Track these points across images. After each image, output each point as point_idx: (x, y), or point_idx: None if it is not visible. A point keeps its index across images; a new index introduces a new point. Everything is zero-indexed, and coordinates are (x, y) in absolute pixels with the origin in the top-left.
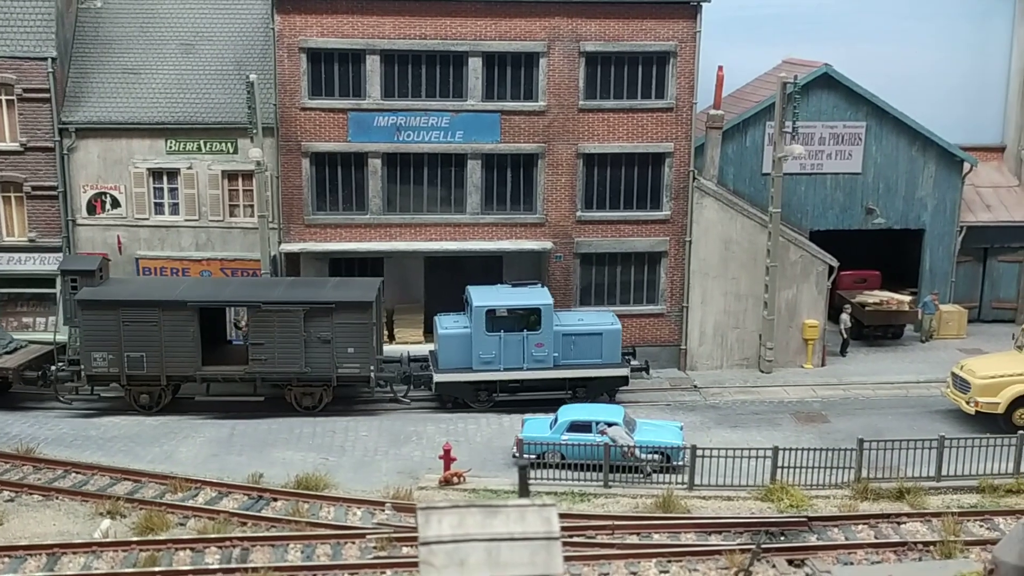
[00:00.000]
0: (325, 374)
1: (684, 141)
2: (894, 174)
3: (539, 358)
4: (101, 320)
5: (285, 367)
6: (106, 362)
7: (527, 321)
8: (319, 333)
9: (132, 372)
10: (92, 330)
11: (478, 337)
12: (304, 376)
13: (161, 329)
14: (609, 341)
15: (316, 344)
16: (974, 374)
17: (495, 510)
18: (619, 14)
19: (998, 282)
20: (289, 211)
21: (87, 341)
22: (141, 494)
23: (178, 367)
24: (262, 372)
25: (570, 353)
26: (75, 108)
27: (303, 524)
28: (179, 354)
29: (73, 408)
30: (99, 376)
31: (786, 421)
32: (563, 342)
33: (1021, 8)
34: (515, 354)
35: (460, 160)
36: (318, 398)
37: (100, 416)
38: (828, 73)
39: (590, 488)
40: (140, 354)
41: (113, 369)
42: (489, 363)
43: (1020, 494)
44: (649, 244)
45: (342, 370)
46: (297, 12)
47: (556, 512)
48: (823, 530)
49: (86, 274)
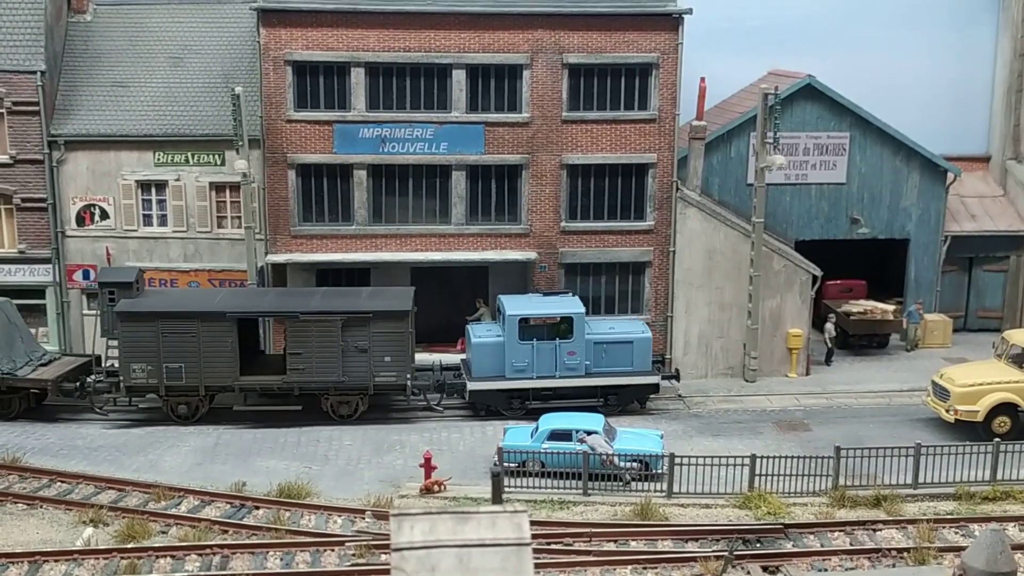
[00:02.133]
0: (362, 383)
1: (667, 152)
2: (878, 184)
3: (571, 366)
4: (140, 332)
5: (323, 376)
6: (145, 373)
7: (559, 330)
8: (356, 342)
9: (171, 383)
10: (131, 341)
11: (511, 345)
12: (341, 385)
13: (200, 340)
14: (640, 349)
15: (353, 353)
16: (953, 382)
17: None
18: (601, 26)
19: (983, 291)
20: (275, 222)
21: (126, 352)
22: (124, 503)
23: (216, 377)
24: (300, 381)
25: (601, 361)
26: (64, 121)
27: (283, 532)
28: (217, 364)
29: (109, 419)
30: (138, 387)
31: (768, 430)
32: (595, 350)
33: (1004, 18)
34: (548, 362)
35: (445, 171)
36: (354, 406)
37: (87, 426)
38: (811, 84)
39: (569, 496)
40: (179, 365)
41: (152, 380)
42: (522, 371)
43: (996, 501)
44: (633, 254)
45: (379, 378)
46: (282, 25)
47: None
48: (799, 537)
49: (124, 286)
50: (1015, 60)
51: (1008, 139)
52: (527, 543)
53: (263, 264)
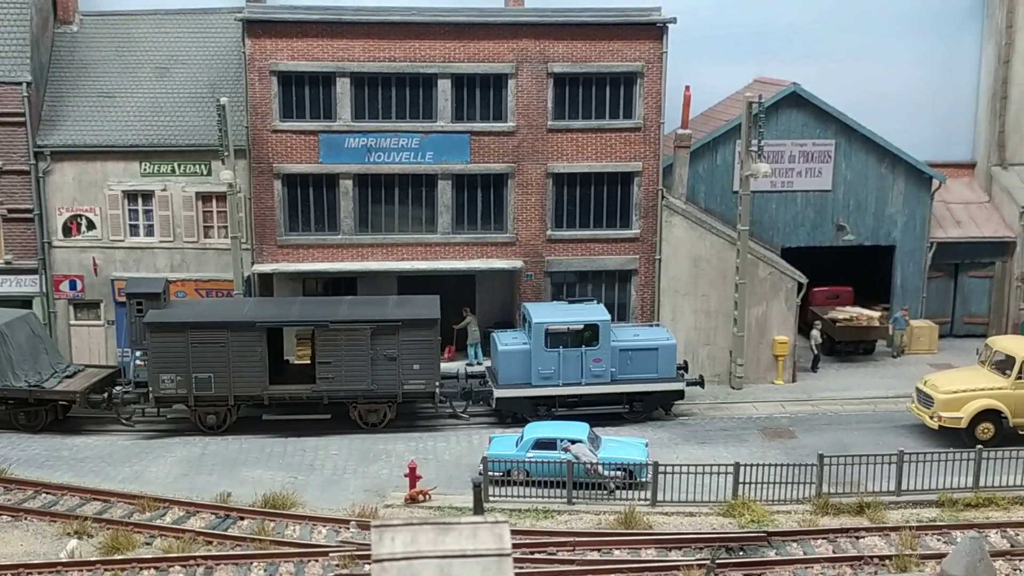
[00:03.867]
0: (391, 391)
1: (652, 160)
2: (864, 191)
3: (597, 373)
4: (169, 342)
5: (352, 385)
6: (174, 383)
7: (585, 337)
8: (385, 350)
9: (200, 393)
10: (160, 352)
11: (537, 353)
12: (370, 393)
13: (229, 350)
14: (664, 356)
15: (382, 361)
16: (937, 389)
17: (448, 527)
18: (586, 36)
19: (969, 297)
20: (262, 232)
21: (155, 363)
22: (109, 514)
23: (246, 387)
24: (329, 390)
25: (627, 368)
26: (50, 131)
27: (267, 543)
28: (247, 374)
29: (136, 430)
30: (167, 398)
31: (753, 437)
32: (620, 357)
33: (989, 26)
34: (573, 369)
35: (431, 180)
36: (382, 414)
37: (73, 437)
38: (796, 92)
39: (554, 505)
40: (208, 375)
41: (181, 390)
42: (548, 378)
43: (978, 508)
44: (619, 262)
45: (407, 386)
46: (268, 36)
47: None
48: (782, 545)
49: (151, 297)
50: (999, 67)
51: (993, 145)
52: (508, 553)
53: (249, 274)
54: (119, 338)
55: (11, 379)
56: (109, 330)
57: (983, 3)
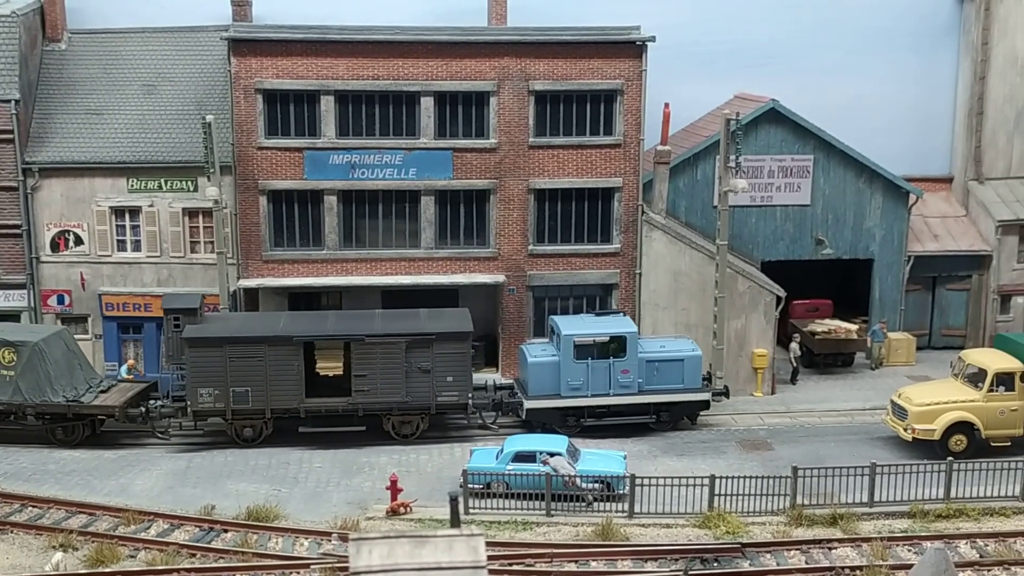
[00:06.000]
0: (425, 403)
1: (632, 176)
2: (842, 205)
3: (625, 384)
4: (207, 357)
5: (387, 397)
6: (212, 397)
7: (612, 348)
8: (420, 363)
9: (237, 406)
10: (199, 367)
11: (566, 365)
12: (404, 405)
13: (267, 364)
14: (691, 367)
15: (416, 374)
16: (911, 402)
17: (424, 540)
18: (567, 54)
19: (947, 310)
20: (247, 247)
21: (194, 377)
22: (94, 527)
23: (283, 400)
24: (365, 403)
25: (653, 379)
26: (39, 148)
27: (250, 555)
28: (284, 388)
29: (172, 443)
30: (204, 412)
31: (731, 449)
32: (647, 368)
33: (965, 42)
34: (602, 381)
35: (414, 196)
36: (415, 426)
37: (60, 450)
38: (775, 108)
39: (533, 517)
40: (245, 389)
41: (219, 404)
42: (577, 389)
43: (949, 519)
44: (600, 276)
45: (441, 398)
46: (252, 54)
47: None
48: (756, 556)
49: (189, 312)
50: (975, 83)
51: (970, 160)
52: (482, 566)
53: (235, 289)
54: (107, 352)
55: (49, 394)
56: (97, 344)
57: (959, 20)
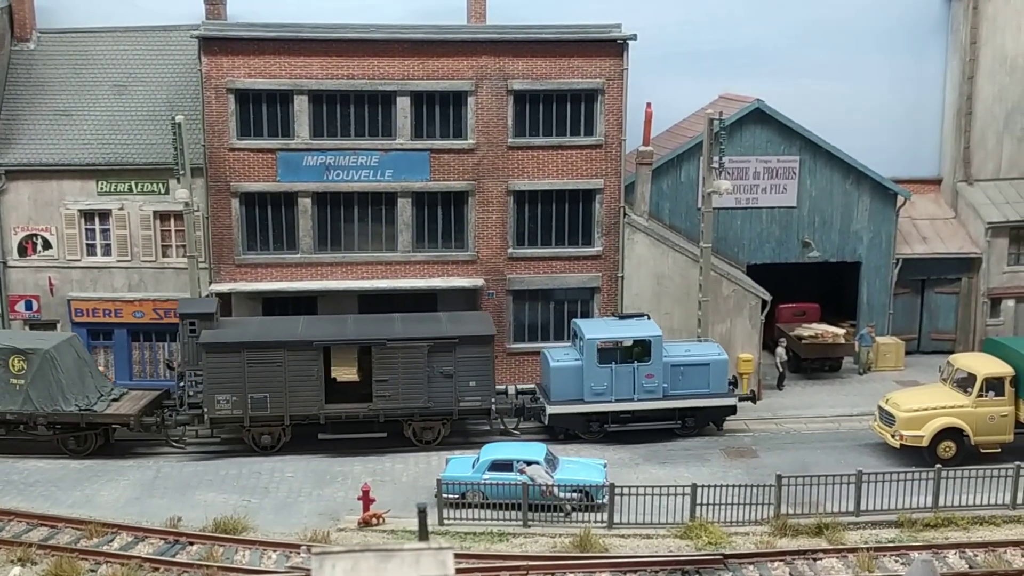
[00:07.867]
0: (447, 408)
1: (614, 177)
2: (829, 207)
3: (649, 389)
4: (225, 362)
5: (408, 402)
6: (230, 404)
7: (637, 353)
8: (442, 368)
9: (255, 413)
10: (216, 373)
11: (590, 369)
12: (426, 411)
13: (286, 369)
14: (716, 371)
15: (438, 379)
16: (899, 407)
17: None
18: (546, 53)
19: (936, 313)
20: (220, 251)
21: (211, 384)
22: (56, 540)
23: (302, 407)
24: (386, 408)
25: (678, 384)
26: (6, 150)
27: (215, 569)
28: (303, 394)
29: (188, 452)
30: (222, 419)
31: (715, 456)
32: (672, 373)
33: (953, 42)
34: (626, 385)
35: (390, 198)
36: (437, 432)
37: (24, 459)
38: (760, 108)
39: (509, 527)
40: (263, 395)
41: (237, 411)
42: (600, 394)
43: (938, 528)
44: (581, 280)
45: (464, 403)
46: (224, 54)
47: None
48: (738, 567)
49: (205, 317)
50: (964, 83)
51: (959, 162)
52: None
53: (207, 293)
54: None
55: (61, 403)
56: None
57: (947, 20)
